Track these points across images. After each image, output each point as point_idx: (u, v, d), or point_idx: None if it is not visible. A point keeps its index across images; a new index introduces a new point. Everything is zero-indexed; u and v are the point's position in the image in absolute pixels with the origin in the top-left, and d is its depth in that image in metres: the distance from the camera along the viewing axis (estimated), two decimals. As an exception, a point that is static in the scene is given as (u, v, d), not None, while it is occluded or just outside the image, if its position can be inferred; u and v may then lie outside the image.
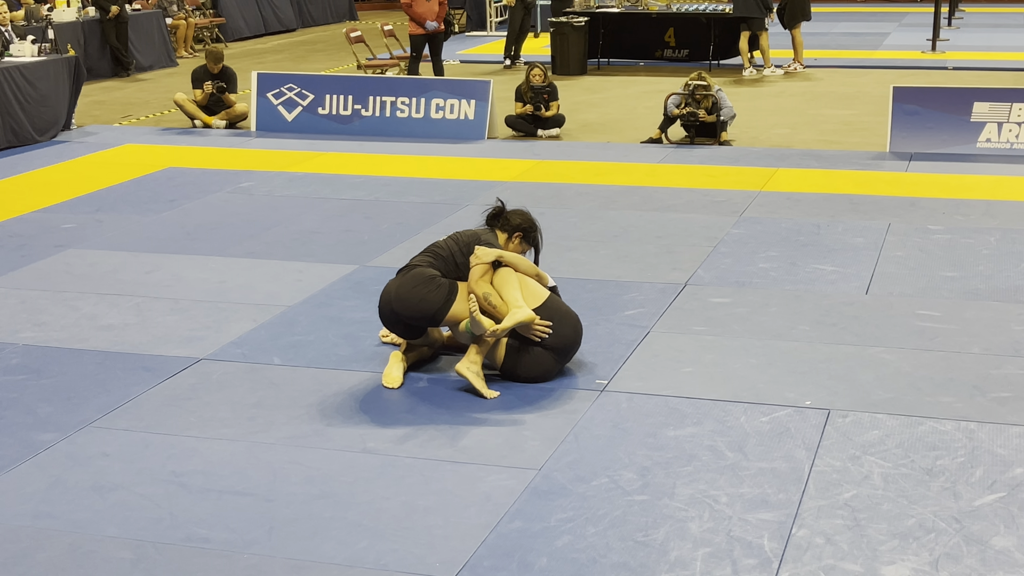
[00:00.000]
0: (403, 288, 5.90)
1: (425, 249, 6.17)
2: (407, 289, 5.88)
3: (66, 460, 5.20)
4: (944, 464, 5.02)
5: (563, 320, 5.95)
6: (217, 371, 6.19)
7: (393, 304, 5.92)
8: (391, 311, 5.95)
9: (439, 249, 6.09)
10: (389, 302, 5.95)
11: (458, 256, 6.01)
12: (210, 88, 13.10)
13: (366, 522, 4.63)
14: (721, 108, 11.79)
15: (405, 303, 5.87)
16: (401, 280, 5.96)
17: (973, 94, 11.39)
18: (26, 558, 4.41)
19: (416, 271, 5.95)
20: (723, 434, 5.34)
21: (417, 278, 5.90)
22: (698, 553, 4.36)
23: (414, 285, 5.87)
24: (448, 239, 6.15)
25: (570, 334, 5.96)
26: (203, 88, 13.10)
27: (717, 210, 9.22)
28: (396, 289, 5.93)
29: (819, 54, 18.12)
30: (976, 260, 7.83)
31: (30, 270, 8.02)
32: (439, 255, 6.04)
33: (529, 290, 5.95)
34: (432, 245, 6.17)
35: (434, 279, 5.89)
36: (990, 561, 4.28)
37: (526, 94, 12.52)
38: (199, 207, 9.67)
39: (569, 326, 5.97)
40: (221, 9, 22.26)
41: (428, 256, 6.06)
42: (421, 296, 5.84)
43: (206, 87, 13.08)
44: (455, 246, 6.06)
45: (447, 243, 6.12)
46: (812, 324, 6.70)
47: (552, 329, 5.87)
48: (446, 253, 6.04)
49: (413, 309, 5.86)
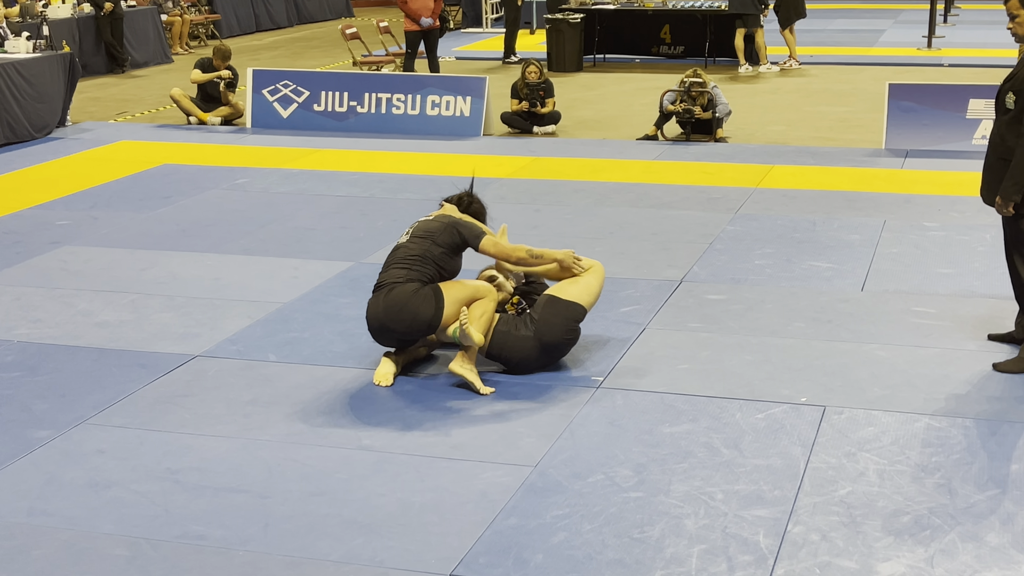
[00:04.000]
0: (391, 310, 5.80)
1: (393, 262, 5.96)
2: (397, 310, 5.79)
3: (61, 457, 5.19)
4: (939, 461, 5.02)
5: (563, 321, 5.99)
6: (212, 368, 6.19)
7: (387, 324, 5.85)
8: (385, 330, 5.89)
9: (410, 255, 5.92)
10: (381, 325, 5.87)
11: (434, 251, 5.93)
12: (228, 75, 13.11)
13: (362, 519, 4.63)
14: (717, 105, 11.79)
15: (399, 323, 5.82)
16: (386, 303, 5.81)
17: (968, 91, 11.39)
18: (21, 555, 4.40)
19: (396, 291, 5.81)
20: (719, 431, 5.34)
21: (401, 297, 5.79)
22: (694, 550, 4.36)
23: (403, 305, 5.77)
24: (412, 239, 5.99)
25: (560, 335, 5.98)
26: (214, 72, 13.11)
27: (713, 207, 9.22)
28: (385, 312, 5.82)
29: (815, 51, 18.11)
30: (971, 257, 7.84)
31: (25, 267, 8.01)
32: (412, 262, 5.89)
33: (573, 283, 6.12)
34: (399, 253, 5.97)
35: (417, 292, 5.80)
36: (985, 558, 4.28)
37: (522, 91, 12.51)
38: (194, 204, 9.66)
39: (565, 328, 5.99)
40: (216, 5, 22.22)
41: (401, 269, 5.90)
42: (413, 313, 5.78)
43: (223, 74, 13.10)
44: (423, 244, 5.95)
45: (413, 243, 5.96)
46: (808, 321, 6.70)
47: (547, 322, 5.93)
48: (417, 256, 5.90)
49: (409, 325, 5.83)
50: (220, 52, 13.26)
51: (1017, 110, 5.74)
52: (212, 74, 13.17)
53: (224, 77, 13.18)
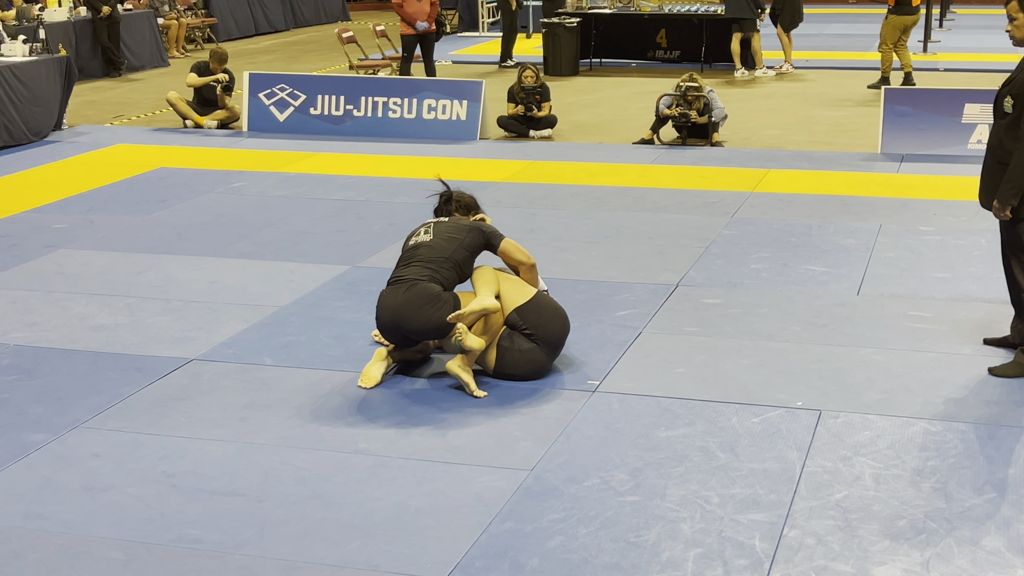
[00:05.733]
0: (409, 308, 5.78)
1: (415, 259, 5.96)
2: (414, 309, 5.77)
3: (57, 461, 5.19)
4: (935, 465, 5.03)
5: (552, 315, 6.02)
6: (208, 372, 6.18)
7: (398, 321, 5.83)
8: (395, 326, 5.87)
9: (435, 255, 5.94)
10: (394, 319, 5.84)
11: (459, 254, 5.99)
12: (224, 79, 13.10)
13: (358, 523, 4.63)
14: (713, 109, 11.80)
15: (413, 321, 5.80)
16: (406, 297, 5.80)
17: (964, 95, 11.40)
18: (17, 559, 4.40)
19: (419, 287, 5.80)
20: (715, 435, 5.34)
21: (423, 296, 5.78)
22: (689, 554, 4.36)
23: (421, 305, 5.76)
24: (437, 239, 6.02)
25: (558, 328, 6.03)
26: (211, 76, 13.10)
27: (709, 211, 9.23)
28: (400, 307, 5.81)
29: (811, 55, 18.14)
30: (967, 261, 7.85)
31: (21, 270, 8.00)
32: (437, 265, 5.91)
33: (517, 287, 6.05)
34: (422, 251, 5.98)
35: (439, 297, 5.80)
36: (981, 562, 4.29)
37: (518, 95, 12.52)
38: (190, 207, 9.66)
39: (558, 320, 6.04)
40: (213, 9, 22.22)
41: (426, 268, 5.90)
42: (428, 316, 5.77)
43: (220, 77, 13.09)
44: (449, 246, 6.01)
45: (438, 244, 6.00)
46: (803, 325, 6.71)
47: (542, 325, 5.94)
48: (443, 257, 5.94)
49: (421, 327, 5.81)
50: (216, 56, 13.26)
51: (1015, 114, 5.74)
52: (208, 78, 13.17)
53: (220, 81, 13.18)
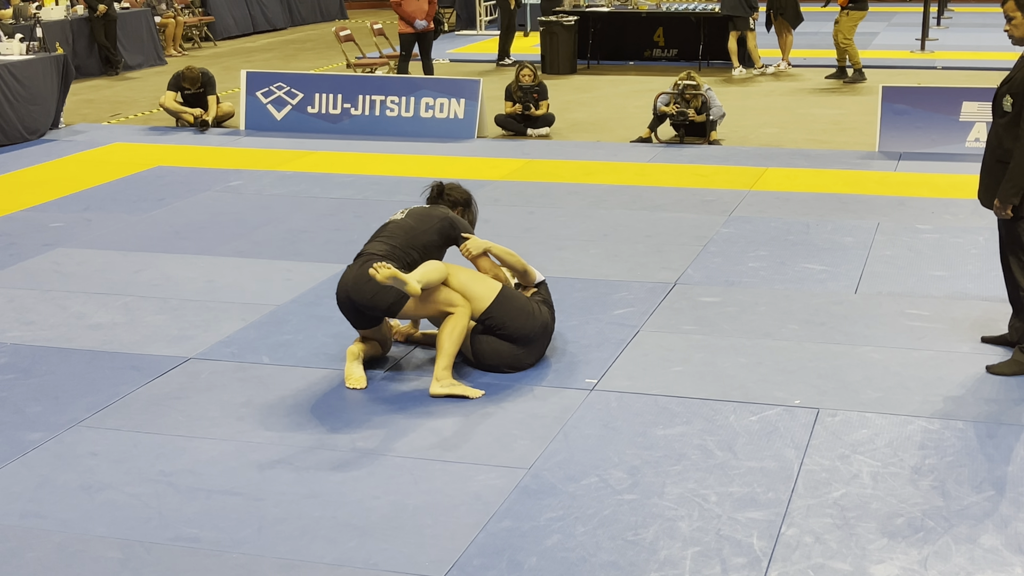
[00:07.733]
0: (360, 279, 5.82)
1: (382, 233, 6.08)
2: (364, 281, 5.79)
3: (54, 460, 5.18)
4: (933, 463, 5.03)
5: (517, 312, 6.00)
6: (206, 370, 6.18)
7: (351, 293, 5.88)
8: (347, 298, 5.92)
9: (399, 232, 6.01)
10: (346, 291, 5.90)
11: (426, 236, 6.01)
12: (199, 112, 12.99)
13: (355, 521, 4.63)
14: (710, 107, 11.80)
15: (362, 293, 5.82)
16: (360, 271, 5.84)
17: (962, 94, 11.40)
18: (14, 558, 4.39)
19: (373, 261, 5.82)
20: (712, 433, 5.34)
21: None
22: (687, 552, 4.36)
23: (370, 278, 5.72)
24: (407, 219, 6.10)
25: (525, 323, 5.99)
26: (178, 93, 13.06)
27: (706, 209, 9.23)
28: (354, 280, 5.86)
29: (808, 53, 18.14)
30: (965, 259, 7.85)
31: (18, 269, 7.99)
32: (397, 240, 5.96)
33: (483, 283, 6.03)
34: (388, 227, 6.09)
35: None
36: (979, 560, 4.29)
37: (516, 93, 12.52)
38: (188, 206, 9.65)
39: (523, 316, 6.00)
40: (210, 7, 22.20)
41: (385, 244, 5.96)
42: (373, 291, 5.78)
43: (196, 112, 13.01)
44: (418, 225, 6.04)
45: (406, 223, 6.06)
46: (801, 323, 6.71)
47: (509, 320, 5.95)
48: (407, 235, 5.98)
49: (369, 301, 5.82)
50: (188, 78, 13.01)
51: (1014, 113, 5.74)
52: (183, 110, 13.05)
53: (196, 115, 13.03)
